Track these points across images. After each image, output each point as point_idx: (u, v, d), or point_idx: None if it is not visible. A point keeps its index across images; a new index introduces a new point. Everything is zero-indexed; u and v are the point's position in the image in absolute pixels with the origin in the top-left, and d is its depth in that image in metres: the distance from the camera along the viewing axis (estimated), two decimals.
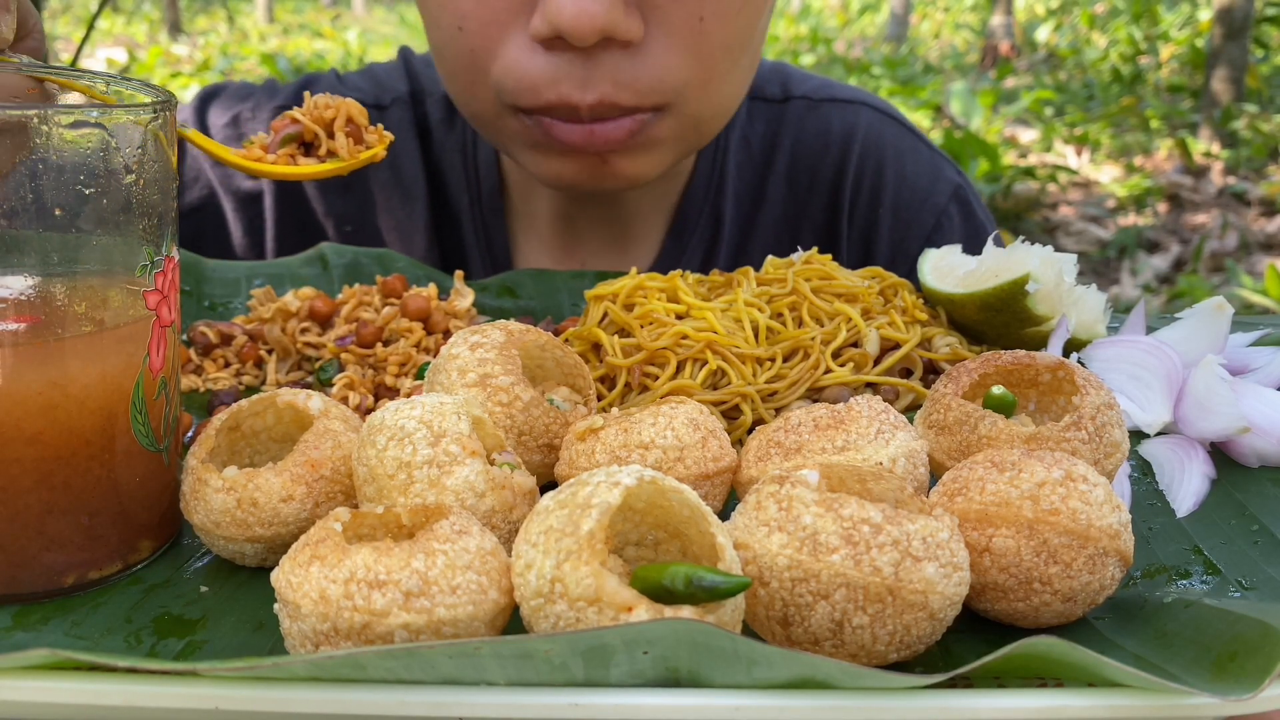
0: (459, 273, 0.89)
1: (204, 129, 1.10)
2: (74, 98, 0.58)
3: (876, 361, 0.74)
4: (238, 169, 0.71)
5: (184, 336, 0.83)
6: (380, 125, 0.76)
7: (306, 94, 0.74)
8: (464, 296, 0.86)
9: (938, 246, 0.86)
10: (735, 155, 1.12)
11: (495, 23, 0.82)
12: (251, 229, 1.10)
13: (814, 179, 1.13)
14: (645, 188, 1.08)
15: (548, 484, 0.62)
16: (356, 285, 0.87)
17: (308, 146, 0.73)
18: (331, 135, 0.73)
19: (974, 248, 0.84)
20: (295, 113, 0.72)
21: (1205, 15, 8.29)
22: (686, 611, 0.41)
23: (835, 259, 1.09)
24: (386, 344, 0.81)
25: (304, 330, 0.83)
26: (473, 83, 0.87)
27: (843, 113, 1.14)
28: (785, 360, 0.74)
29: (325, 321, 0.84)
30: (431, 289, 0.85)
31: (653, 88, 0.83)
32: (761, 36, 0.92)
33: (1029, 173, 5.48)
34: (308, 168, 0.72)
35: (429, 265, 1.09)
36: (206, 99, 1.13)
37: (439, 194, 1.11)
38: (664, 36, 0.82)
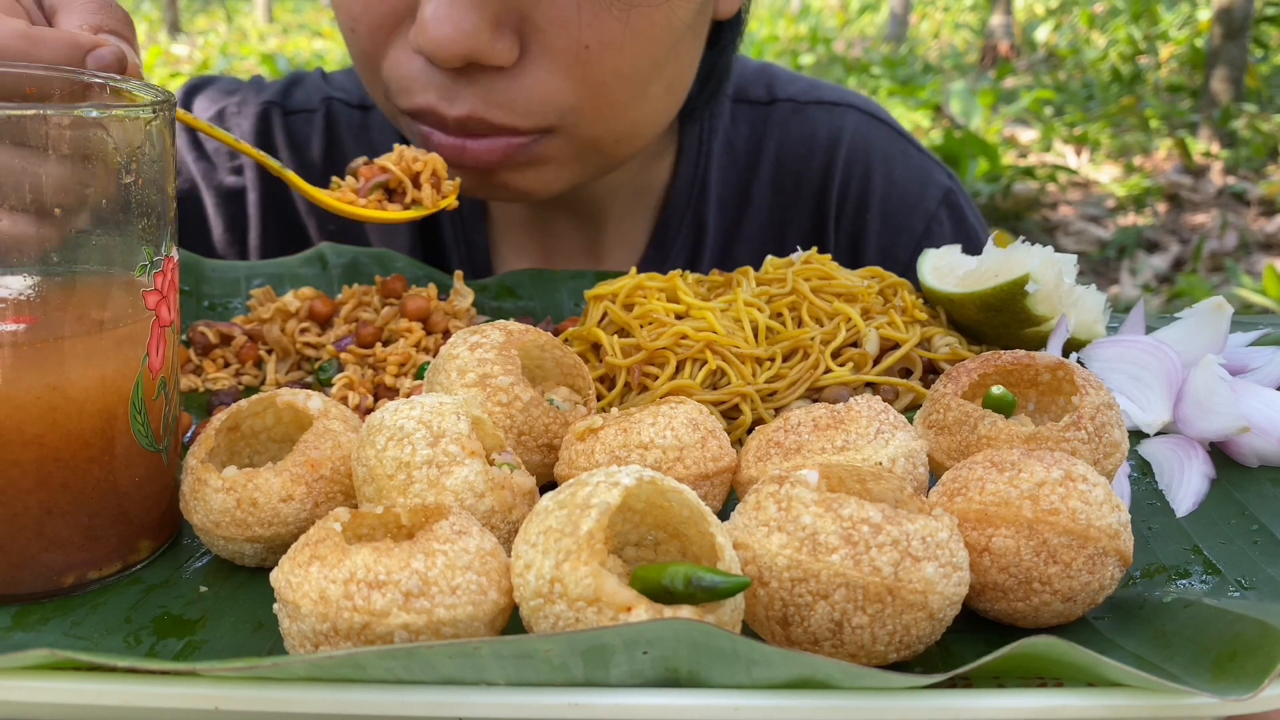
0: (458, 273, 0.89)
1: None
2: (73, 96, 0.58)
3: (876, 361, 0.74)
4: (330, 209, 0.78)
5: (183, 337, 0.83)
6: (458, 179, 0.83)
7: (397, 145, 0.82)
8: (464, 296, 0.86)
9: None
10: (719, 160, 1.10)
11: (381, 27, 0.82)
12: (233, 225, 1.10)
13: (799, 184, 1.11)
14: (618, 195, 1.07)
15: (547, 484, 0.62)
16: (356, 285, 0.87)
17: (390, 192, 0.80)
18: (418, 186, 0.80)
19: (965, 252, 0.84)
20: (385, 161, 0.80)
21: (1205, 15, 8.29)
22: (686, 611, 0.41)
23: None
24: (386, 344, 0.81)
25: (303, 330, 0.83)
26: (370, 80, 0.89)
27: (829, 115, 1.12)
28: (785, 360, 0.74)
29: (325, 322, 0.84)
30: (431, 289, 0.85)
31: (530, 110, 0.81)
32: (686, 66, 0.89)
33: (1028, 173, 5.48)
34: (395, 213, 0.80)
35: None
36: (192, 91, 1.13)
37: None
38: (546, 60, 0.80)
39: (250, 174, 1.09)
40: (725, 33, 0.98)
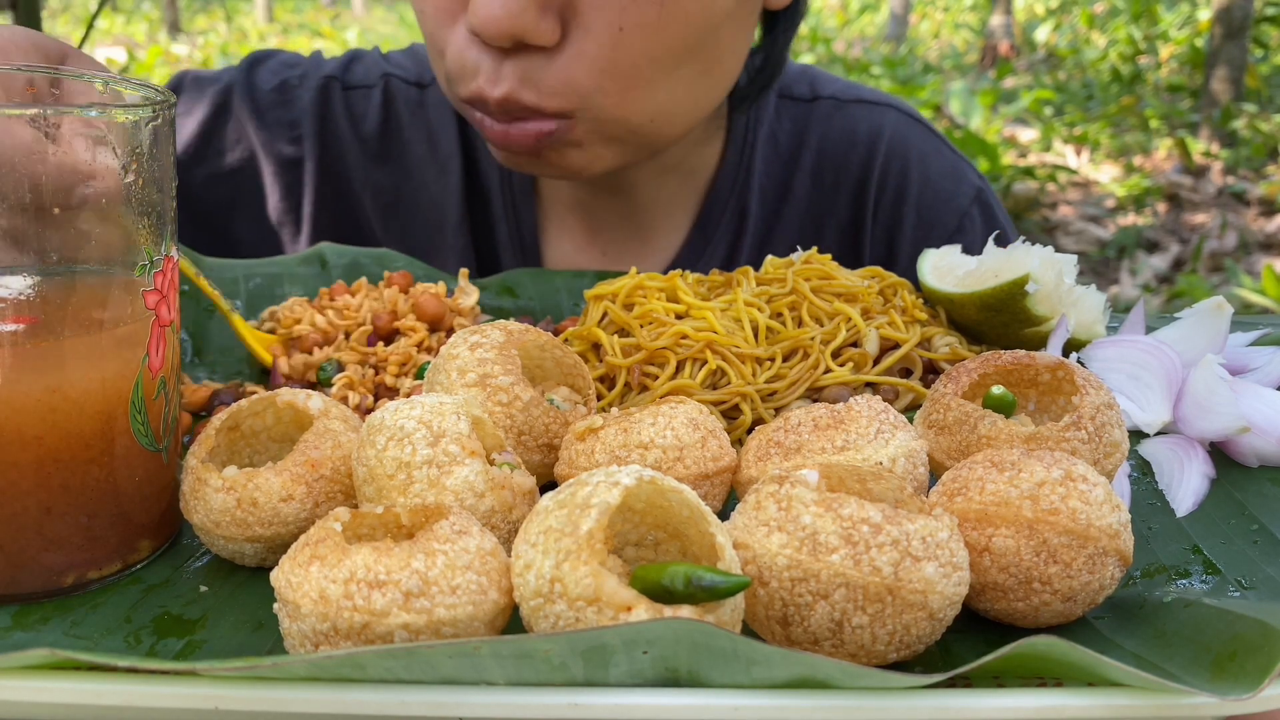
0: (464, 270, 0.89)
1: (250, 91, 1.13)
2: (73, 97, 0.58)
3: (876, 361, 0.74)
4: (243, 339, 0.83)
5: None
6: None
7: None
8: (468, 294, 0.86)
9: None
10: (762, 150, 1.14)
11: (448, 10, 0.86)
12: (289, 194, 1.14)
13: (839, 177, 1.15)
14: (664, 178, 1.11)
15: (547, 484, 0.62)
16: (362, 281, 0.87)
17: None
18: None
19: None
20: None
21: (1205, 15, 8.29)
22: (686, 611, 0.41)
23: (858, 256, 1.12)
24: (387, 343, 0.81)
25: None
26: (436, 64, 0.91)
27: (869, 114, 1.16)
28: (785, 360, 0.74)
29: (388, 338, 0.82)
30: (440, 286, 0.86)
31: (556, 90, 0.84)
32: (728, 52, 0.91)
33: (1028, 172, 5.48)
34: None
35: (462, 237, 1.13)
36: (255, 63, 1.16)
37: (472, 170, 1.15)
38: (581, 41, 0.83)
39: (308, 144, 1.13)
40: (781, 21, 1.01)
